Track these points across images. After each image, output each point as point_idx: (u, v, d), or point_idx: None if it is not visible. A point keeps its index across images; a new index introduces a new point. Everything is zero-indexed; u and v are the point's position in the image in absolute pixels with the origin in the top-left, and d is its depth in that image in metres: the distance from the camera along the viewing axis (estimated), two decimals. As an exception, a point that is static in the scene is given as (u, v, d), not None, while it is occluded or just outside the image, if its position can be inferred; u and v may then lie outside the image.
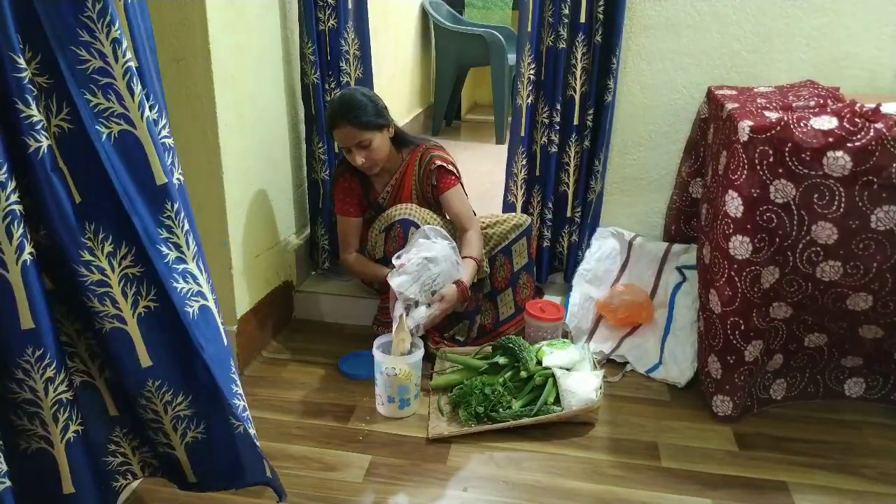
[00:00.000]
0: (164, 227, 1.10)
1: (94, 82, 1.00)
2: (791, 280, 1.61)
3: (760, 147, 1.52)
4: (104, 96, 1.01)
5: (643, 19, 2.06)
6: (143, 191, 1.07)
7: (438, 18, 4.12)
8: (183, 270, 1.13)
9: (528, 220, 2.06)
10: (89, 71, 0.99)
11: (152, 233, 1.09)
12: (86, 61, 0.99)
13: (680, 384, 1.89)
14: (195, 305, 1.14)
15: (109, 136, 1.03)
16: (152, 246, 1.09)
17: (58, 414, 1.08)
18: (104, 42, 0.99)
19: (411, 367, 1.72)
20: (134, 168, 1.06)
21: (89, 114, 1.01)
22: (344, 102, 1.83)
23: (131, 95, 1.03)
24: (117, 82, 1.01)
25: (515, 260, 2.05)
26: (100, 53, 0.99)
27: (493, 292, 2.07)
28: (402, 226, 1.89)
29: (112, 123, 1.03)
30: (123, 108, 1.03)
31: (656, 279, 2.15)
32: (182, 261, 1.13)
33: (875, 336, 1.68)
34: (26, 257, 0.99)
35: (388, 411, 1.76)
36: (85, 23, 0.97)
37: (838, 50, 2.00)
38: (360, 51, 2.16)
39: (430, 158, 1.97)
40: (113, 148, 1.04)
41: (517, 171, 2.15)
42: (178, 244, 1.12)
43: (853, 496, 1.53)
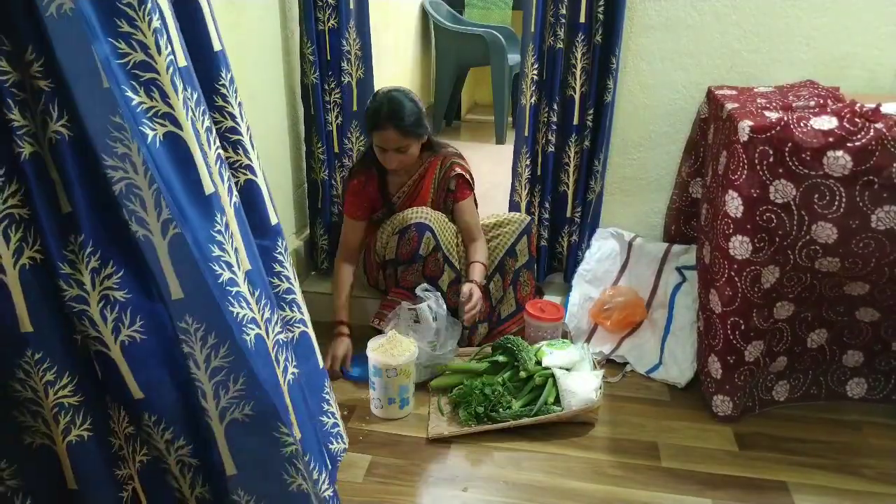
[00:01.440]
0: (216, 242, 0.98)
1: (136, 78, 0.89)
2: (791, 277, 1.62)
3: (760, 147, 1.52)
4: (147, 93, 0.90)
5: (643, 19, 2.06)
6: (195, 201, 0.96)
7: (438, 18, 4.12)
8: (236, 294, 1.00)
9: (528, 219, 2.08)
10: (130, 65, 0.89)
11: (205, 249, 0.96)
12: (126, 54, 0.88)
13: (680, 384, 1.89)
14: (251, 334, 1.01)
15: (155, 139, 0.91)
16: (206, 264, 0.96)
17: (58, 417, 1.02)
18: (146, 32, 0.88)
19: (409, 365, 1.73)
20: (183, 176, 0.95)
21: (131, 113, 0.89)
22: (393, 105, 1.83)
23: (175, 92, 0.92)
24: (161, 77, 0.90)
25: (519, 258, 2.06)
26: (141, 45, 0.88)
27: (504, 293, 2.08)
28: (417, 230, 1.89)
29: (157, 124, 0.92)
30: (168, 107, 0.92)
31: (656, 279, 2.14)
32: (234, 283, 1.00)
33: (872, 319, 1.69)
34: (25, 261, 0.93)
35: (387, 413, 1.76)
36: (124, 11, 0.87)
37: (838, 50, 2.00)
38: (361, 51, 2.16)
39: (450, 165, 2.00)
40: (159, 152, 0.92)
41: (521, 171, 2.15)
42: (230, 263, 1.00)
43: (853, 496, 1.53)
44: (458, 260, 1.99)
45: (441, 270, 1.95)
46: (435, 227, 1.92)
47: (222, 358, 1.01)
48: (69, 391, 1.01)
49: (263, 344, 1.05)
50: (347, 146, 2.25)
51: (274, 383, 1.06)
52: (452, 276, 1.97)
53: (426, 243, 1.90)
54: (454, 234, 2.00)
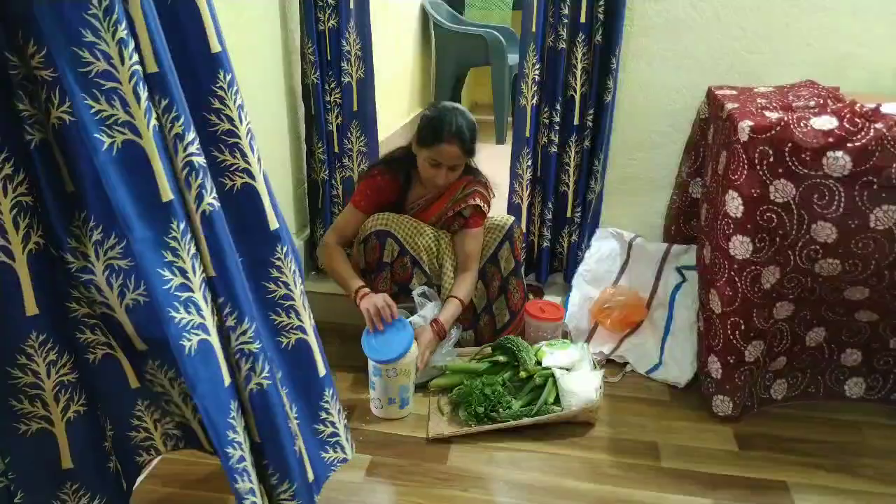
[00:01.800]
0: (169, 248, 1.00)
1: (97, 86, 0.92)
2: (791, 278, 1.62)
3: (760, 147, 1.52)
4: (108, 102, 0.93)
5: (643, 19, 2.06)
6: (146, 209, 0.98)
7: (438, 18, 4.12)
8: (186, 299, 1.02)
9: (509, 223, 2.01)
10: (92, 74, 0.92)
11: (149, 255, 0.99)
12: (89, 63, 0.91)
13: (680, 384, 1.89)
14: (194, 339, 1.03)
15: (112, 147, 0.94)
16: (151, 269, 0.99)
17: (59, 395, 1.09)
18: (109, 42, 0.91)
19: (409, 364, 1.73)
20: (136, 183, 0.97)
21: (90, 120, 0.92)
22: (461, 123, 1.80)
23: (137, 101, 0.94)
24: (122, 87, 0.93)
25: (503, 266, 2.01)
26: (104, 55, 0.91)
27: (488, 303, 2.06)
28: (377, 237, 1.87)
29: (115, 132, 0.94)
30: (128, 116, 0.94)
31: (656, 280, 2.14)
32: (186, 288, 1.02)
33: (870, 320, 1.69)
34: (32, 246, 1.00)
35: (387, 413, 1.76)
36: (89, 21, 0.89)
37: (838, 50, 2.01)
38: (361, 51, 2.16)
39: (472, 192, 1.93)
40: (114, 160, 0.95)
41: (522, 172, 2.15)
42: (184, 269, 1.02)
43: (853, 496, 1.53)
44: (428, 264, 1.95)
45: (410, 275, 1.93)
46: (396, 230, 1.88)
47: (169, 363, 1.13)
48: (68, 369, 1.09)
49: (207, 349, 1.05)
50: (347, 146, 2.25)
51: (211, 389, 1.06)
52: (423, 280, 1.94)
53: (389, 249, 1.88)
54: (430, 237, 1.94)
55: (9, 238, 0.98)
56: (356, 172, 2.29)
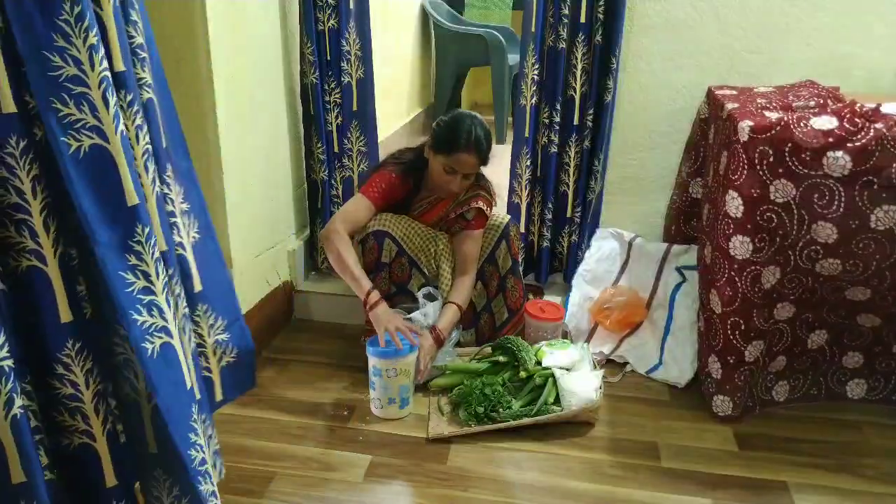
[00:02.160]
0: (133, 252, 1.02)
1: (66, 91, 0.92)
2: (792, 279, 1.61)
3: (760, 147, 1.52)
4: (76, 107, 0.93)
5: (643, 19, 2.06)
6: (111, 212, 0.99)
7: (438, 18, 4.12)
8: (149, 302, 1.04)
9: (505, 221, 2.00)
10: (62, 79, 0.92)
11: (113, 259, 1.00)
12: (59, 68, 0.91)
13: (680, 384, 1.89)
14: (156, 342, 1.05)
15: (78, 151, 0.95)
16: (114, 273, 1.00)
17: (98, 406, 1.06)
18: (80, 48, 0.91)
19: (409, 365, 1.74)
20: (102, 187, 0.98)
21: (57, 125, 0.93)
22: (479, 133, 1.81)
23: (106, 106, 0.95)
24: (92, 92, 0.94)
25: (500, 265, 2.01)
26: (75, 60, 0.92)
27: (487, 301, 2.06)
28: (375, 238, 1.87)
29: (83, 136, 0.95)
30: (97, 121, 0.95)
31: (656, 280, 2.14)
32: (149, 291, 1.04)
33: (873, 325, 1.69)
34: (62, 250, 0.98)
35: (387, 413, 1.76)
36: (60, 27, 0.90)
37: (838, 50, 2.00)
38: (361, 51, 2.16)
39: (475, 195, 1.93)
40: (80, 163, 0.95)
41: (521, 172, 2.15)
42: (147, 273, 1.03)
43: (853, 496, 1.53)
44: (426, 264, 1.94)
45: (409, 275, 1.93)
46: (394, 231, 1.88)
47: None
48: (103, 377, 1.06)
49: (169, 351, 1.07)
50: (347, 146, 2.25)
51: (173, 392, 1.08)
52: (422, 281, 1.94)
53: (387, 250, 1.88)
54: (428, 238, 1.93)
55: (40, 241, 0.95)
56: (356, 172, 2.29)
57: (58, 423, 1.05)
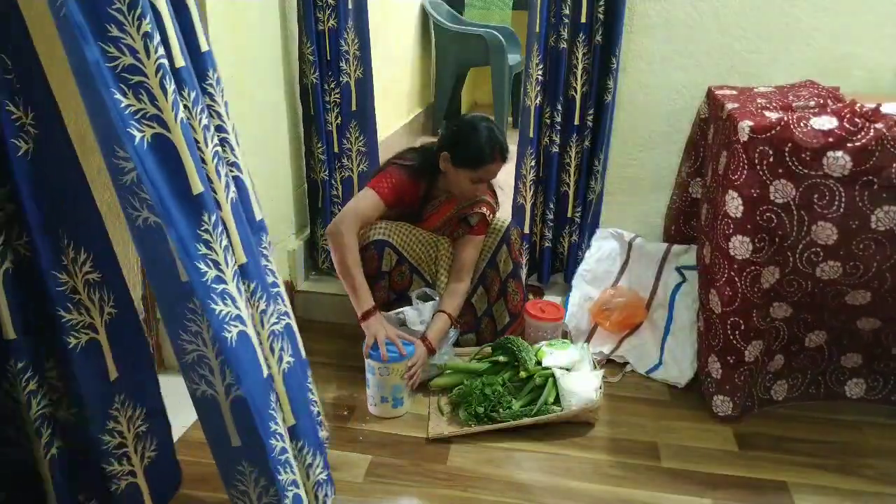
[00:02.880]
0: (202, 241, 1.01)
1: (124, 81, 0.92)
2: (791, 281, 1.61)
3: (760, 147, 1.52)
4: (135, 96, 0.93)
5: (643, 19, 2.06)
6: (179, 201, 0.98)
7: (438, 18, 4.12)
8: (222, 291, 1.03)
9: (505, 225, 2.00)
10: (119, 69, 0.91)
11: (190, 248, 0.99)
12: (115, 58, 0.91)
13: (680, 384, 1.89)
14: (233, 331, 1.04)
15: (143, 141, 0.94)
16: (190, 262, 0.99)
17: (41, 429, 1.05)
18: (135, 37, 0.91)
19: (401, 365, 1.73)
20: (168, 176, 0.97)
21: (120, 115, 0.92)
22: (500, 139, 1.80)
23: (164, 95, 0.94)
24: (149, 80, 0.93)
25: (502, 269, 2.00)
26: (130, 49, 0.91)
27: (489, 306, 2.05)
28: (375, 247, 1.85)
29: (145, 126, 0.94)
30: (156, 109, 0.94)
31: (656, 280, 2.14)
32: (221, 280, 1.03)
33: (873, 328, 1.68)
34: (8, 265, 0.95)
35: (381, 411, 1.76)
36: (114, 16, 0.89)
37: (838, 50, 2.01)
38: (360, 51, 2.16)
39: (481, 200, 1.93)
40: (147, 153, 0.95)
41: (526, 173, 2.14)
42: (217, 261, 1.02)
43: (853, 496, 1.53)
44: (427, 269, 1.95)
45: (409, 282, 1.94)
46: (394, 239, 1.87)
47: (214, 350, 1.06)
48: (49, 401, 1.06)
49: (246, 341, 1.07)
50: (347, 146, 2.25)
51: (254, 382, 1.08)
52: (422, 285, 1.94)
53: (387, 259, 1.87)
54: (429, 244, 1.94)
55: None
56: (355, 172, 2.29)
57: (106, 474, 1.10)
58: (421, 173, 1.91)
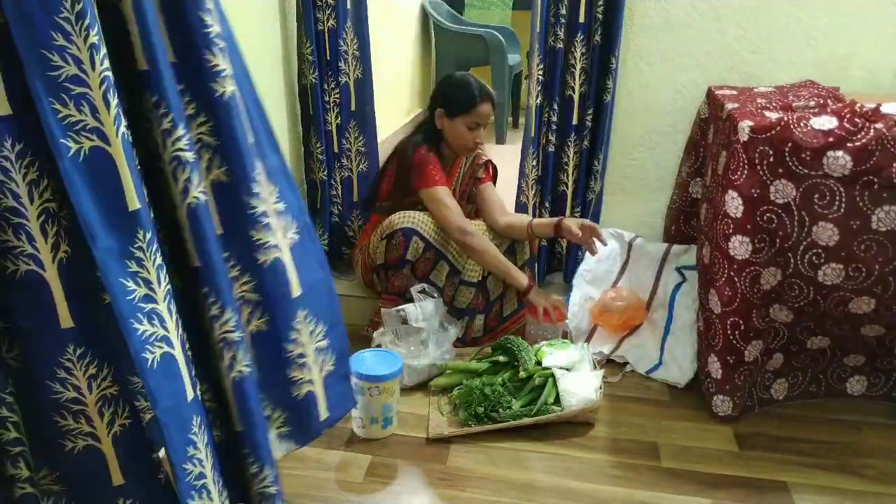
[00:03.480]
0: (134, 258, 0.99)
1: (65, 91, 0.90)
2: (793, 284, 1.61)
3: (760, 147, 1.52)
4: (76, 107, 0.91)
5: (643, 19, 2.06)
6: (112, 217, 0.96)
7: (438, 18, 4.12)
8: (150, 311, 1.01)
9: (528, 218, 2.07)
10: (62, 78, 0.90)
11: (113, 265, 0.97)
12: (59, 67, 0.89)
13: (680, 384, 1.89)
14: (157, 352, 1.02)
15: (78, 153, 0.93)
16: (115, 279, 0.97)
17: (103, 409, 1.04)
18: (81, 47, 0.89)
19: (392, 383, 1.65)
20: (102, 190, 0.95)
21: (56, 126, 0.90)
22: (482, 82, 1.97)
23: (107, 108, 0.93)
24: (92, 92, 0.91)
25: (518, 255, 2.05)
26: (75, 59, 0.90)
27: (503, 290, 2.06)
28: (403, 234, 1.89)
29: (83, 138, 0.93)
30: (97, 122, 0.93)
31: (656, 280, 2.14)
32: (150, 299, 1.01)
33: (878, 334, 1.68)
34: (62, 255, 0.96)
35: (369, 433, 1.67)
36: (60, 25, 0.88)
37: (838, 50, 2.00)
38: (359, 51, 2.16)
39: (477, 154, 2.09)
40: (80, 166, 0.93)
41: (528, 172, 2.15)
42: (149, 280, 1.01)
43: (853, 496, 1.53)
44: (454, 254, 1.97)
45: (433, 265, 1.95)
46: (422, 228, 1.91)
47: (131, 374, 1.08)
48: (108, 382, 1.04)
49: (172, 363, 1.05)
50: (346, 146, 2.25)
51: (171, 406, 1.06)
52: (447, 269, 1.96)
53: (414, 247, 1.90)
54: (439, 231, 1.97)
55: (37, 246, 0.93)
56: (355, 173, 2.29)
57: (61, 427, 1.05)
58: (432, 142, 2.02)
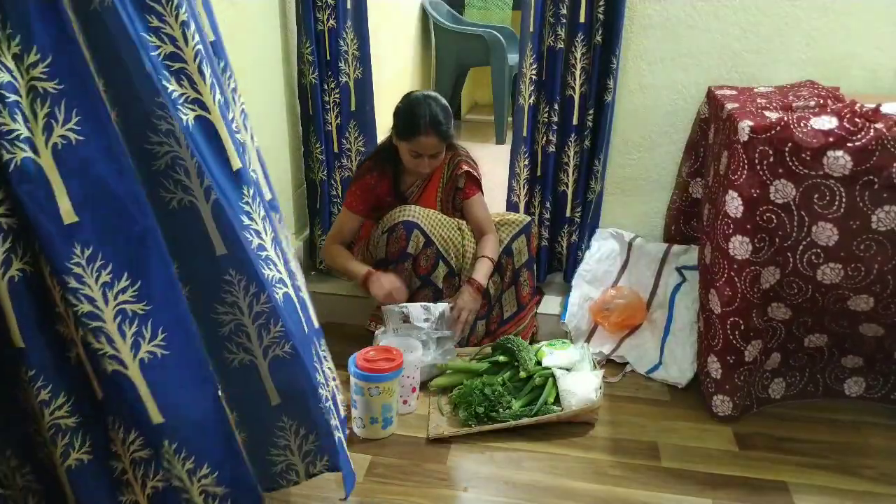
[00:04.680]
0: (245, 213, 1.08)
1: (167, 68, 0.98)
2: (791, 282, 1.61)
3: (760, 147, 1.52)
4: (177, 82, 0.99)
5: (643, 19, 2.06)
6: (225, 176, 1.05)
7: (438, 18, 4.12)
8: (266, 258, 1.11)
9: (527, 220, 2.07)
10: (162, 57, 0.97)
11: (235, 221, 1.06)
12: (157, 47, 0.97)
13: (680, 384, 1.89)
14: (279, 292, 1.12)
15: (187, 123, 1.00)
16: (241, 233, 1.06)
17: (56, 438, 0.98)
18: (174, 26, 0.97)
19: (392, 384, 1.66)
20: (213, 153, 1.04)
21: (169, 100, 0.98)
22: (434, 112, 1.84)
23: (203, 79, 1.01)
24: (189, 66, 0.99)
25: (516, 258, 2.05)
26: (170, 38, 0.97)
27: (500, 292, 2.07)
28: (405, 227, 1.89)
29: (188, 109, 1.01)
30: (197, 93, 1.01)
31: (656, 280, 2.14)
32: (262, 248, 1.11)
33: (876, 335, 1.68)
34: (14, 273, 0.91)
35: (368, 433, 1.68)
36: (153, 7, 0.96)
37: (838, 50, 2.00)
38: (359, 51, 2.16)
39: (457, 163, 2.03)
40: (192, 134, 1.01)
41: (520, 171, 2.15)
42: (259, 231, 1.10)
43: (853, 496, 1.53)
44: (454, 255, 1.98)
45: (433, 266, 1.95)
46: (423, 223, 1.91)
47: (263, 304, 1.10)
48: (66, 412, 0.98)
49: (291, 301, 1.16)
50: (346, 146, 2.25)
51: (301, 336, 1.17)
52: (446, 271, 1.97)
53: (415, 241, 1.90)
54: (453, 228, 1.99)
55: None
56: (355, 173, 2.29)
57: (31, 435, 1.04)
58: (383, 159, 1.99)
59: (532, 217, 2.13)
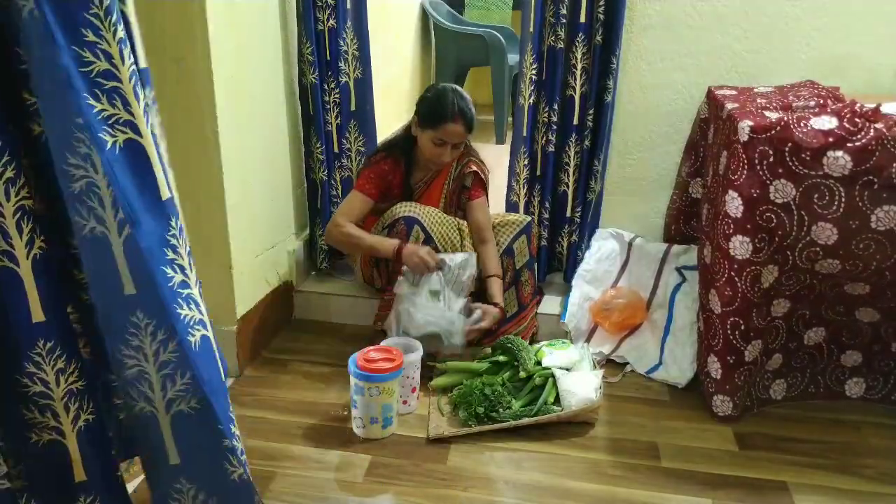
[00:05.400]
0: (170, 246, 1.02)
1: (98, 86, 0.93)
2: (790, 275, 1.62)
3: (760, 147, 1.52)
4: (109, 102, 0.94)
5: (643, 19, 2.06)
6: (150, 207, 0.99)
7: (438, 18, 4.12)
8: (187, 296, 1.04)
9: (527, 220, 2.08)
10: (94, 74, 0.92)
11: (157, 253, 1.00)
12: (90, 63, 0.92)
13: (680, 384, 1.89)
14: (196, 335, 1.05)
15: (114, 146, 0.95)
16: (158, 268, 1.00)
17: (69, 404, 1.06)
18: (111, 42, 0.92)
19: (392, 384, 1.65)
20: (139, 181, 0.98)
21: (94, 119, 0.93)
22: (463, 101, 1.90)
23: (137, 101, 0.96)
24: (124, 86, 0.94)
25: (517, 258, 2.05)
26: (105, 54, 0.92)
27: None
28: (405, 223, 1.90)
29: (118, 132, 0.95)
30: (129, 115, 0.95)
31: (656, 280, 2.14)
32: (186, 285, 1.04)
33: (872, 320, 1.69)
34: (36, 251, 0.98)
35: (368, 433, 1.67)
36: (90, 21, 0.90)
37: (838, 50, 2.00)
38: (359, 51, 2.16)
39: (466, 162, 2.05)
40: (118, 158, 0.95)
41: (519, 171, 2.15)
42: (183, 266, 1.04)
43: (853, 496, 1.53)
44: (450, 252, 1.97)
45: None
46: (424, 220, 1.92)
47: (171, 352, 1.04)
48: (75, 377, 1.06)
49: (209, 345, 1.08)
50: (346, 146, 2.25)
51: (216, 385, 1.09)
52: None
53: (415, 236, 1.90)
54: (453, 228, 1.99)
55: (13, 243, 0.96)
56: (355, 172, 2.29)
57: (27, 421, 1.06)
58: (399, 149, 2.00)
59: (532, 217, 2.13)
